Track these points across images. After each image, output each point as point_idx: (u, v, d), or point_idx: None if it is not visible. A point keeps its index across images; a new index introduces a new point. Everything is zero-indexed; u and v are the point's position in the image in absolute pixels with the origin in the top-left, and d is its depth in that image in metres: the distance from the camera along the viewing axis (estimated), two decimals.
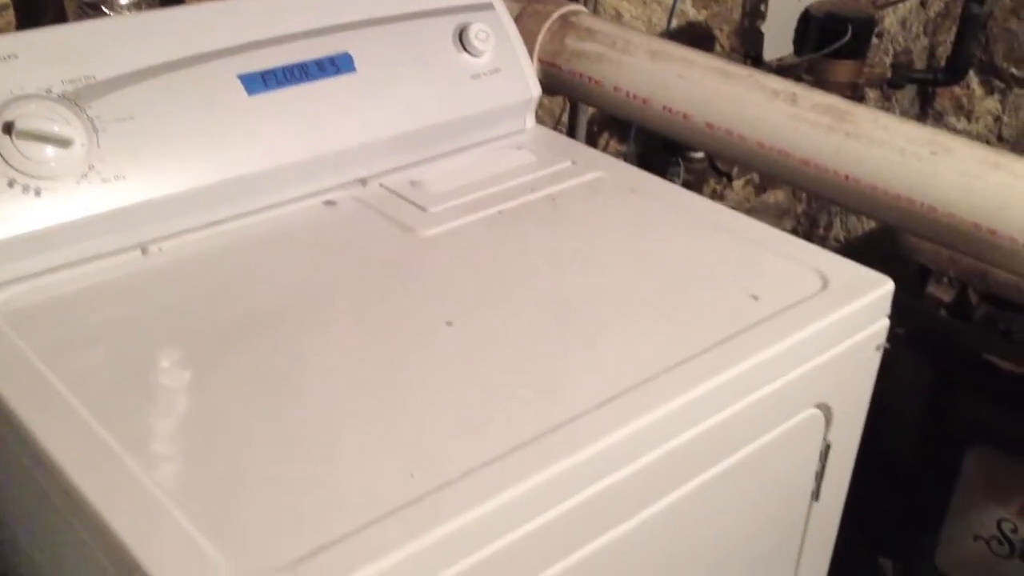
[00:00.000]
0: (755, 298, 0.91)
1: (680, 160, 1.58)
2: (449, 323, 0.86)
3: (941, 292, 1.21)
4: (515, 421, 0.74)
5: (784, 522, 1.01)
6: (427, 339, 0.84)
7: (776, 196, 2.01)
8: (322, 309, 0.88)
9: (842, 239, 2.00)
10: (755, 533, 0.98)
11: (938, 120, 1.76)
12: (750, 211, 2.06)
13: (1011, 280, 1.15)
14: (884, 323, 0.96)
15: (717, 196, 1.95)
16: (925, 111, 1.78)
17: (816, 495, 1.01)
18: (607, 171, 1.14)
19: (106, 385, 0.77)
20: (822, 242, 2.04)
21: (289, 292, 0.90)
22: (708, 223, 1.04)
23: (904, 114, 1.81)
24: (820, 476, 1.00)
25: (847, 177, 1.05)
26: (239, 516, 0.65)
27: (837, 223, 2.02)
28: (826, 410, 0.95)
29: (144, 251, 0.93)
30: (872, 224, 1.84)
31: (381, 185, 1.08)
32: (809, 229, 2.05)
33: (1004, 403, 1.20)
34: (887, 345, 0.96)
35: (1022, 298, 1.15)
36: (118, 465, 0.68)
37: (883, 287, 0.94)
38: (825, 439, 0.97)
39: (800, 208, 2.04)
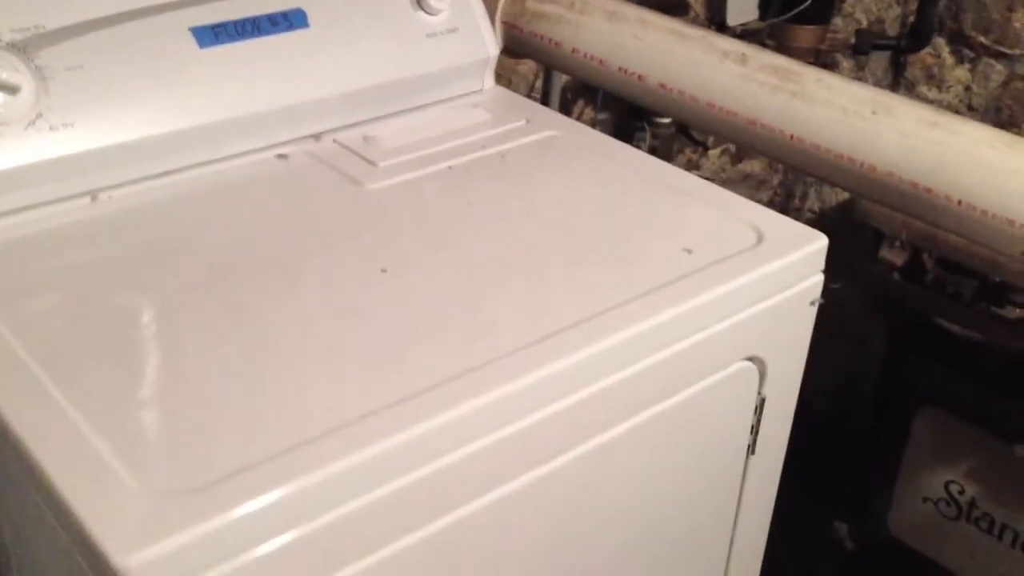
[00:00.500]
0: (688, 251, 0.93)
1: (647, 126, 1.59)
2: (384, 270, 0.87)
3: (894, 256, 1.22)
4: (432, 358, 0.76)
5: (721, 475, 1.03)
6: (359, 285, 0.86)
7: (752, 166, 2.02)
8: (264, 258, 0.90)
9: (817, 210, 2.02)
10: (691, 485, 0.99)
11: (910, 90, 1.77)
12: (726, 181, 2.08)
13: (960, 244, 1.17)
14: (819, 279, 0.97)
15: (693, 165, 1.97)
16: (897, 80, 1.79)
17: (752, 449, 1.03)
18: (560, 130, 1.15)
19: (44, 323, 0.79)
20: (797, 213, 2.05)
21: (234, 242, 0.92)
22: (652, 180, 1.06)
23: (877, 84, 1.82)
24: (755, 430, 1.01)
25: (792, 136, 1.07)
26: (159, 442, 0.67)
27: (812, 194, 2.03)
28: (760, 363, 0.96)
29: (93, 199, 0.95)
30: (847, 195, 1.85)
31: (334, 140, 1.09)
32: (785, 200, 2.06)
33: (953, 366, 1.22)
34: (822, 300, 0.97)
35: (971, 262, 1.16)
36: (44, 393, 0.70)
37: (817, 243, 0.96)
38: (760, 393, 0.99)
39: (777, 179, 2.05)
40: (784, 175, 2.03)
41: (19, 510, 0.72)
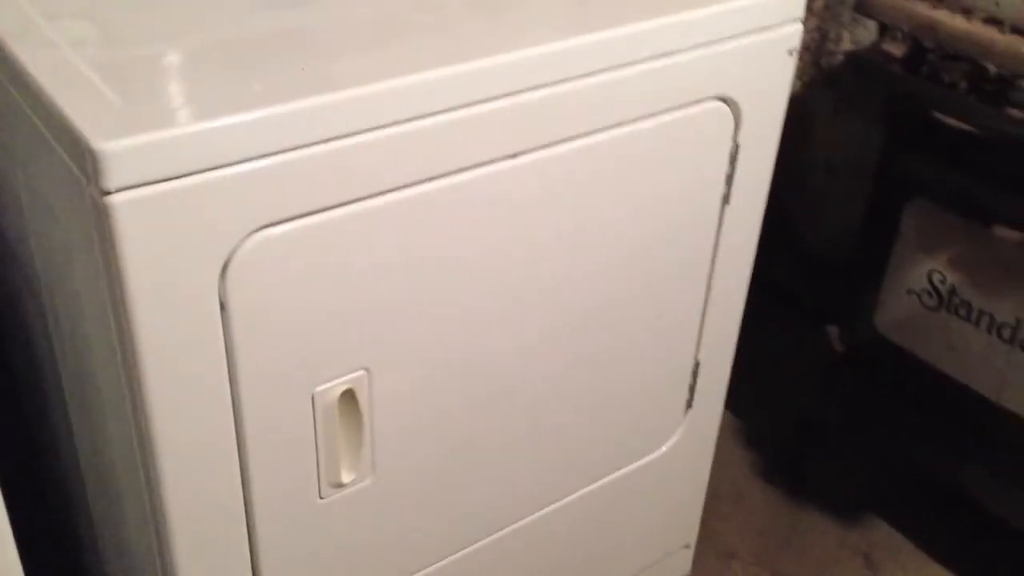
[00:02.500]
0: None
1: None
2: None
3: (895, 48, 1.24)
4: (401, 44, 0.83)
5: (697, 219, 1.08)
6: None
7: None
8: None
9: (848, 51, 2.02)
10: (667, 222, 1.05)
11: None
12: None
13: (959, 31, 1.19)
14: (796, 28, 1.01)
15: None
16: None
17: (727, 199, 1.08)
18: None
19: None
20: (831, 56, 2.05)
21: None
22: None
23: None
24: (730, 179, 1.07)
25: None
26: (152, 87, 0.76)
27: (846, 35, 2.03)
28: (734, 107, 1.01)
29: None
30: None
31: None
32: (821, 42, 2.06)
33: (941, 156, 1.24)
34: (799, 50, 1.01)
35: (970, 50, 1.17)
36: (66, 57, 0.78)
37: None
38: (735, 140, 1.04)
39: (812, 22, 2.05)
40: (820, 19, 2.03)
41: (27, 144, 0.81)
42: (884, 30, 1.27)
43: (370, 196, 0.81)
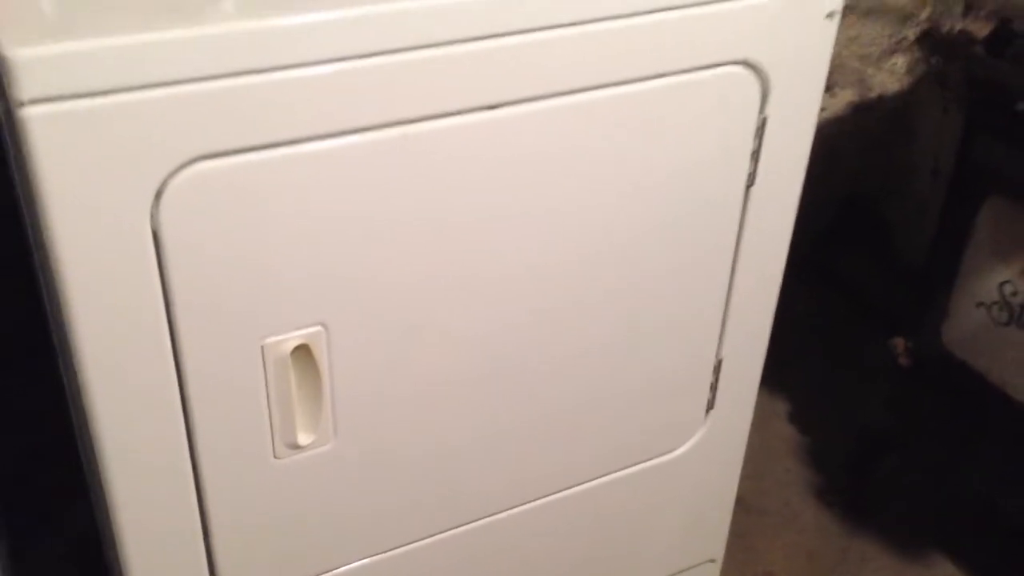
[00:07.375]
0: None
1: None
2: None
3: (979, 27, 1.11)
4: None
5: (715, 201, 0.98)
6: None
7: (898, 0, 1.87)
8: None
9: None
10: (678, 203, 0.96)
11: None
12: (868, 12, 1.94)
13: None
14: None
15: None
16: None
17: (752, 179, 0.98)
18: None
19: None
20: None
21: None
22: None
23: None
24: (756, 156, 0.97)
25: None
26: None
27: (960, 28, 1.86)
28: (760, 75, 0.92)
29: None
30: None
31: None
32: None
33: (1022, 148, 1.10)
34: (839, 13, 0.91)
35: None
36: None
37: None
38: (761, 111, 0.94)
39: (924, 13, 1.90)
40: (932, 8, 1.87)
41: None
42: (969, 7, 1.14)
43: (320, 137, 0.76)
